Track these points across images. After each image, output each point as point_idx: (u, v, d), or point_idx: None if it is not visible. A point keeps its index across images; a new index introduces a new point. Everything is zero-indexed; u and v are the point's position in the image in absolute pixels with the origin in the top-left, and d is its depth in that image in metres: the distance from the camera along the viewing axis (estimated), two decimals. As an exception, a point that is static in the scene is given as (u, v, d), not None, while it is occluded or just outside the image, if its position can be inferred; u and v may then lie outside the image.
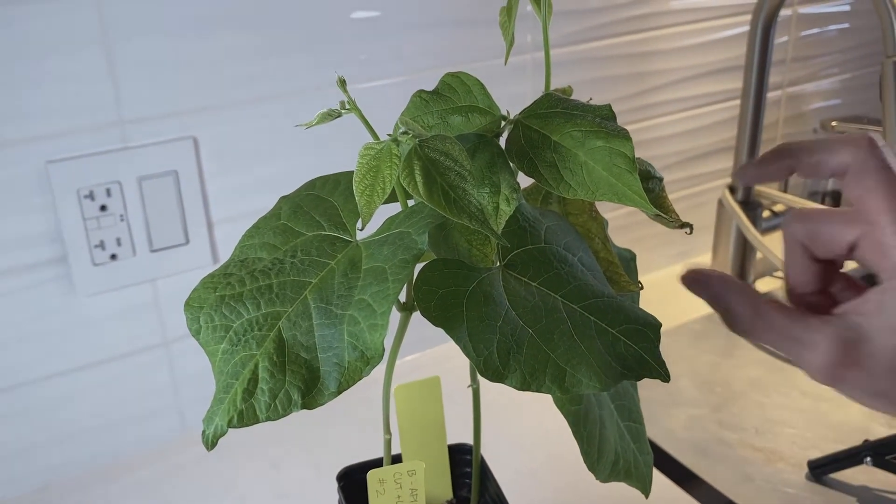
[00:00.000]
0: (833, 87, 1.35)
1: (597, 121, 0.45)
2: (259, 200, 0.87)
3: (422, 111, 0.48)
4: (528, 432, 0.90)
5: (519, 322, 0.42)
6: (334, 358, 0.39)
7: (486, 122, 0.48)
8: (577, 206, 0.53)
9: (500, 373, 0.40)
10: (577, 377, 0.41)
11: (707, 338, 1.09)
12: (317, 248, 0.44)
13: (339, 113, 0.45)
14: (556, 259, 0.45)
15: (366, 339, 0.39)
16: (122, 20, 0.75)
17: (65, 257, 0.79)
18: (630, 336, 0.43)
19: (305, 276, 0.42)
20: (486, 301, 0.42)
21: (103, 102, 0.77)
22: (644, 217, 1.19)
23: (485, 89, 0.49)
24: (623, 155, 0.43)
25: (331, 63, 0.86)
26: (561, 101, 0.47)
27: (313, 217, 0.47)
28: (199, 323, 0.42)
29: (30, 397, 0.82)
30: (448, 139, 0.42)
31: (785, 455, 0.88)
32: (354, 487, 0.58)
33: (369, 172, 0.41)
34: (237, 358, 0.40)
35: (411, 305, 0.47)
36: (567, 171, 0.44)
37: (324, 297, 0.41)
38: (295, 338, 0.40)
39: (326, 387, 0.39)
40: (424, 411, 0.56)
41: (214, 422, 0.39)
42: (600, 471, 0.47)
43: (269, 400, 0.39)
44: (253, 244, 0.46)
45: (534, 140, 0.45)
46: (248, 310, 0.42)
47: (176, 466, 0.87)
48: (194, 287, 0.44)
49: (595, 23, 1.03)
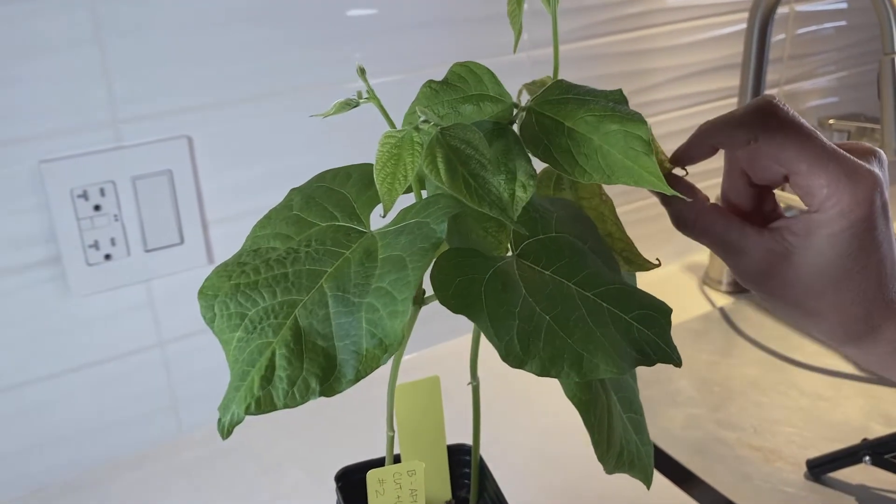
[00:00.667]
0: (830, 85, 1.35)
1: (609, 105, 0.45)
2: (254, 199, 0.87)
3: (432, 101, 0.49)
4: (526, 432, 0.90)
5: (536, 309, 0.42)
6: (352, 346, 0.39)
7: (497, 110, 0.48)
8: (589, 189, 0.53)
9: (521, 358, 0.41)
10: (594, 362, 0.41)
11: (705, 337, 1.09)
12: (331, 238, 0.44)
13: (357, 102, 0.45)
14: (568, 247, 0.46)
15: (385, 326, 0.39)
16: (116, 19, 0.75)
17: (59, 257, 0.78)
18: (643, 321, 0.44)
19: (321, 265, 0.42)
20: (503, 288, 0.42)
21: (97, 101, 0.76)
22: (639, 216, 1.19)
23: (495, 78, 0.49)
24: (639, 137, 0.44)
25: (326, 61, 0.86)
26: (573, 87, 0.47)
27: (326, 208, 0.47)
28: (213, 311, 0.42)
29: (25, 398, 0.81)
30: (469, 128, 0.42)
31: (783, 454, 0.88)
32: (352, 488, 0.57)
33: (391, 160, 0.41)
34: (253, 346, 0.40)
35: (421, 300, 0.47)
36: (582, 155, 0.44)
37: (340, 285, 0.41)
38: (311, 326, 0.40)
39: (344, 374, 0.39)
40: (424, 411, 0.55)
41: (231, 409, 0.39)
42: (608, 461, 0.47)
43: (287, 387, 0.39)
44: (266, 234, 0.46)
45: (547, 126, 0.46)
46: (264, 298, 0.41)
47: (173, 467, 0.87)
48: (207, 276, 0.43)
49: (592, 20, 1.03)
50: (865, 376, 1.00)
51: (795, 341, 1.07)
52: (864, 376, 1.00)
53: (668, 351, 0.44)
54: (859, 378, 1.00)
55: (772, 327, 1.10)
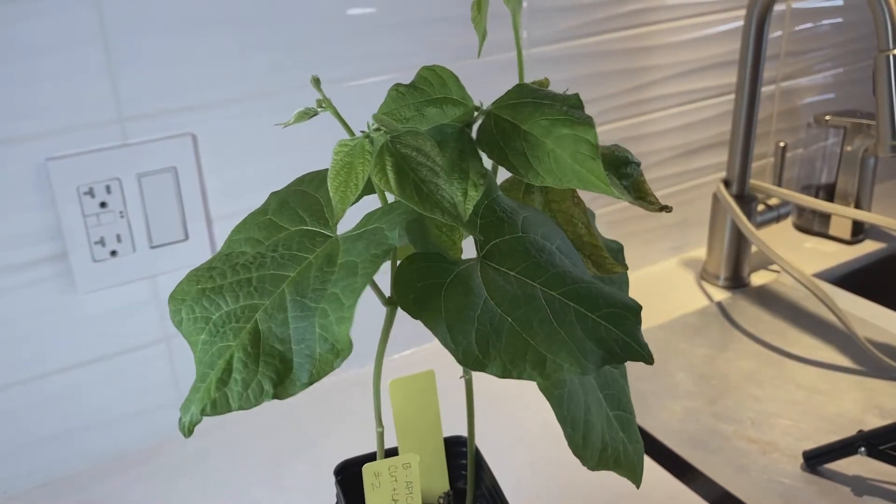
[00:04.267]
0: (826, 82, 1.36)
1: (564, 109, 0.46)
2: (257, 197, 0.87)
3: (399, 104, 0.50)
4: (521, 427, 0.91)
5: (497, 311, 0.43)
6: (306, 350, 0.40)
7: (460, 112, 0.49)
8: (560, 193, 0.54)
9: (481, 361, 0.41)
10: (557, 363, 0.42)
11: (702, 331, 1.10)
12: (297, 242, 0.45)
13: (316, 111, 0.45)
14: (534, 248, 0.46)
15: (334, 331, 0.40)
16: (122, 18, 0.76)
17: (65, 254, 0.79)
18: (610, 320, 0.44)
19: (285, 269, 0.43)
20: (463, 292, 0.43)
21: (103, 100, 0.77)
22: (637, 212, 1.20)
23: (458, 81, 0.50)
24: (587, 142, 0.44)
25: (327, 60, 0.87)
26: (532, 90, 0.48)
27: (297, 212, 0.48)
28: (181, 315, 0.43)
29: (31, 394, 0.82)
30: (420, 135, 0.43)
31: (780, 446, 0.89)
32: (352, 481, 0.58)
33: (343, 169, 0.42)
34: (214, 349, 0.41)
35: (395, 300, 0.48)
36: (535, 158, 0.45)
37: (300, 290, 0.42)
38: (270, 330, 0.41)
39: (298, 378, 0.40)
40: (420, 405, 0.56)
41: (190, 410, 0.41)
42: (588, 458, 0.48)
43: (241, 389, 0.40)
44: (239, 239, 0.48)
45: (505, 129, 0.47)
46: (227, 302, 0.43)
47: (177, 462, 0.88)
48: (179, 281, 0.45)
49: (589, 18, 1.04)
50: (861, 370, 1.01)
51: (792, 336, 1.08)
52: (859, 370, 1.01)
53: (638, 348, 0.43)
54: (855, 371, 1.01)
55: (768, 322, 1.11)
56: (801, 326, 1.11)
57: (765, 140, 1.31)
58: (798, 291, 1.18)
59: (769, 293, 1.19)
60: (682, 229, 1.26)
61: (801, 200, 1.18)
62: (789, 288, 1.19)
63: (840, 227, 1.31)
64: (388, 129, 0.43)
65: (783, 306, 1.15)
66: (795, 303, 1.16)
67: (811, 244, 1.32)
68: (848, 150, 1.28)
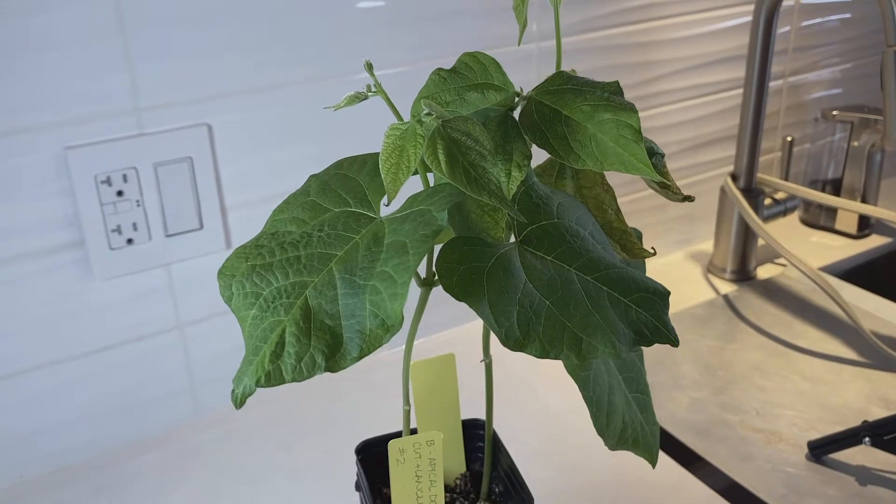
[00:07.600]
0: (834, 77, 1.36)
1: (605, 95, 0.47)
2: (271, 186, 0.89)
3: (440, 88, 0.51)
4: (535, 414, 0.92)
5: (536, 294, 0.44)
6: (357, 325, 0.42)
7: (500, 98, 0.50)
8: (590, 178, 0.55)
9: (521, 343, 0.43)
10: (592, 344, 0.43)
11: (709, 323, 1.11)
12: (343, 223, 0.46)
13: (366, 95, 0.47)
14: (569, 233, 0.48)
15: (387, 307, 0.41)
16: (139, 10, 0.77)
17: (82, 242, 0.81)
18: (641, 304, 0.45)
19: (331, 248, 0.45)
20: (504, 275, 0.44)
21: (120, 90, 0.78)
22: (646, 205, 1.21)
23: (500, 67, 0.51)
24: (630, 126, 0.46)
25: (341, 52, 0.88)
26: (571, 78, 0.49)
27: (340, 194, 0.49)
28: (231, 290, 0.45)
29: (46, 380, 0.83)
30: (470, 120, 0.44)
31: (785, 436, 0.90)
32: (371, 460, 0.60)
33: (395, 152, 0.43)
34: (266, 323, 0.42)
35: (431, 281, 0.49)
36: (577, 142, 0.46)
37: (348, 268, 0.43)
38: (320, 306, 0.42)
39: (349, 352, 0.42)
40: (439, 387, 0.58)
41: (243, 382, 0.42)
42: (609, 437, 0.49)
43: (294, 362, 0.42)
44: (283, 218, 0.49)
45: (545, 114, 0.48)
46: (277, 279, 0.44)
47: (189, 448, 0.89)
48: (227, 257, 0.46)
49: (599, 12, 1.05)
50: (866, 361, 1.02)
51: (797, 328, 1.09)
52: (864, 361, 1.02)
53: (666, 332, 0.45)
54: (860, 363, 1.02)
55: (774, 314, 1.12)
56: (807, 319, 1.12)
57: (772, 135, 1.32)
58: (804, 285, 1.19)
59: (775, 286, 1.19)
60: (690, 222, 1.27)
61: (807, 195, 1.19)
62: (795, 281, 1.20)
63: (846, 222, 1.32)
64: (438, 114, 0.44)
65: (789, 299, 1.16)
66: (801, 296, 1.17)
67: (817, 238, 1.33)
68: (855, 145, 1.28)
